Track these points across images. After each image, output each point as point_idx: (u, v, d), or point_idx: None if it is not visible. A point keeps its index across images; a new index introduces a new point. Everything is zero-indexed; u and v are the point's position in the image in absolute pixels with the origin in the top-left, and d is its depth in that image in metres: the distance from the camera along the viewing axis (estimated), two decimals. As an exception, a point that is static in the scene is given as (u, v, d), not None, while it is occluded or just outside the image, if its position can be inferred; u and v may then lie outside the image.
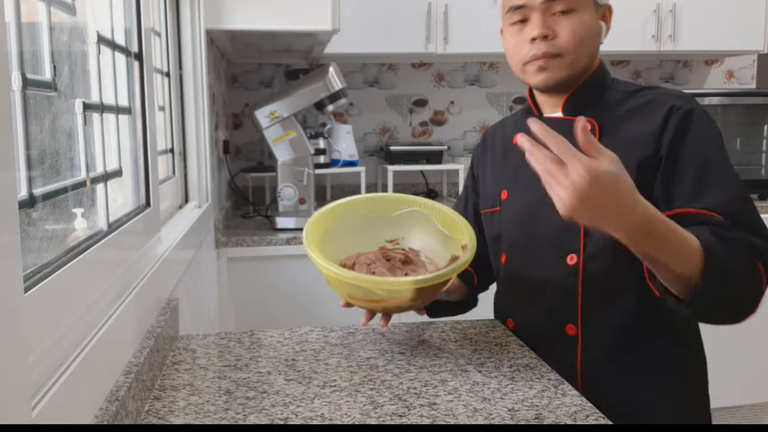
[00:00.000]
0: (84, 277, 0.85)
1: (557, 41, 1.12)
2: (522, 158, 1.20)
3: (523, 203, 1.21)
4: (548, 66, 1.13)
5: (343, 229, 1.22)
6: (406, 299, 1.07)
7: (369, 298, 1.08)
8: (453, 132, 3.31)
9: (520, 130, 1.20)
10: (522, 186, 1.22)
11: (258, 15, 2.11)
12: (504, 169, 1.29)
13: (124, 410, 0.82)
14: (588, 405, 0.92)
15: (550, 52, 1.12)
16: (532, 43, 1.13)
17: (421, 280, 1.03)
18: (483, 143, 1.39)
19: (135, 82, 1.25)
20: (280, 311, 2.32)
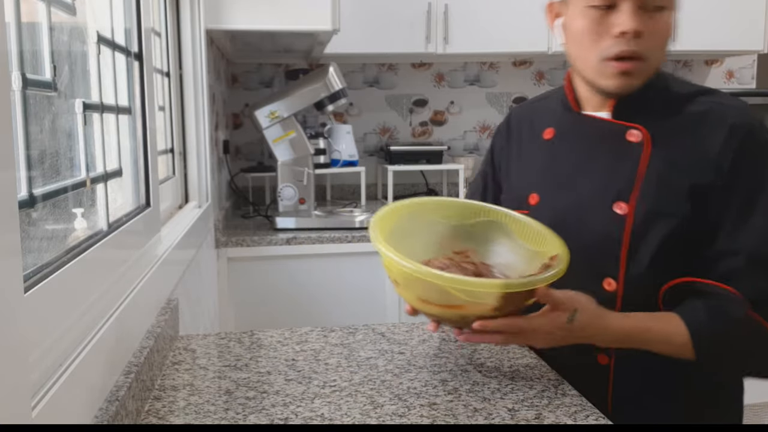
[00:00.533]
0: (84, 277, 0.85)
1: (646, 41, 0.96)
2: (553, 158, 1.11)
3: (557, 211, 1.08)
4: (633, 71, 0.98)
5: (408, 230, 1.07)
6: (488, 307, 0.91)
7: (445, 302, 0.93)
8: (453, 132, 3.31)
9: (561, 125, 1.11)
10: (555, 190, 1.09)
11: (258, 15, 2.11)
12: (533, 166, 1.14)
13: (124, 410, 0.82)
14: (588, 405, 0.92)
15: (640, 52, 0.96)
16: (621, 37, 0.96)
17: (512, 284, 0.90)
18: (507, 128, 1.22)
19: (135, 82, 1.25)
20: (280, 311, 2.32)
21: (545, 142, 1.13)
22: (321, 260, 2.32)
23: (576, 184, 1.07)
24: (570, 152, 1.09)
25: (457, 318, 0.96)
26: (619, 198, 1.01)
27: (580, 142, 1.08)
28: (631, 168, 1.01)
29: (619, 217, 1.01)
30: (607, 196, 1.02)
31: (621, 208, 1.01)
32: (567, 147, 1.10)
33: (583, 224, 1.04)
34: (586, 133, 1.08)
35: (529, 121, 1.18)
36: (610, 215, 1.01)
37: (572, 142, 1.10)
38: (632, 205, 1.00)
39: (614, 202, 1.01)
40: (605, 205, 1.02)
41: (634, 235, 0.99)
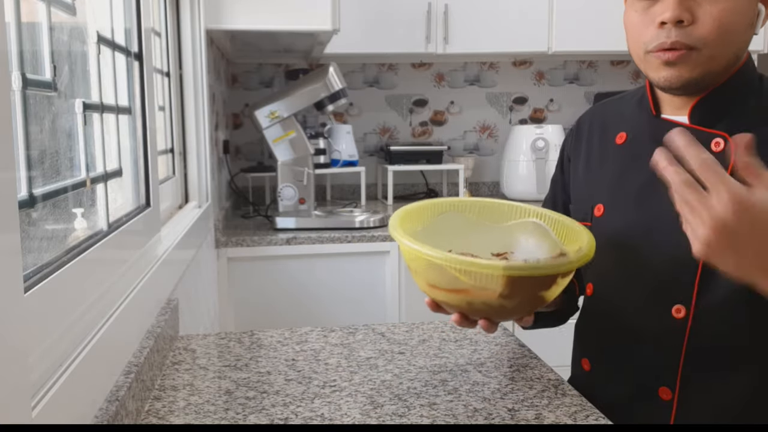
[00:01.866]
0: (84, 277, 0.85)
1: (695, 29, 0.87)
2: (624, 166, 0.99)
3: (624, 226, 0.98)
4: (678, 61, 0.89)
5: (442, 229, 1.04)
6: (494, 294, 0.87)
7: (451, 286, 0.89)
8: (453, 132, 3.31)
9: (636, 129, 1.01)
10: (624, 202, 0.99)
11: (258, 15, 2.11)
12: (602, 174, 1.05)
13: (124, 410, 0.82)
14: (588, 405, 0.92)
15: (683, 42, 0.87)
16: (661, 27, 0.89)
17: (514, 266, 0.84)
18: (576, 131, 1.13)
19: (135, 82, 1.25)
20: (280, 311, 2.32)
21: (617, 147, 1.03)
22: (321, 260, 2.32)
23: (649, 199, 0.96)
24: (644, 161, 0.95)
25: (465, 305, 0.92)
26: None
27: (657, 150, 0.99)
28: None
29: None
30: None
31: None
32: (641, 155, 0.97)
33: (653, 244, 0.93)
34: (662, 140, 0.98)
35: (601, 123, 1.08)
36: (684, 236, 0.83)
37: (647, 149, 0.96)
38: None
39: None
40: (679, 224, 0.88)
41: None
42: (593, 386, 1.04)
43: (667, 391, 0.94)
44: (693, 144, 0.71)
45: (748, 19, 0.89)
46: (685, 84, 0.91)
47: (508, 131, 3.16)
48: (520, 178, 2.99)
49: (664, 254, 0.92)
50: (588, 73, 3.32)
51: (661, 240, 0.92)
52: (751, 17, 0.89)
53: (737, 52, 0.91)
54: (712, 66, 0.90)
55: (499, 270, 0.84)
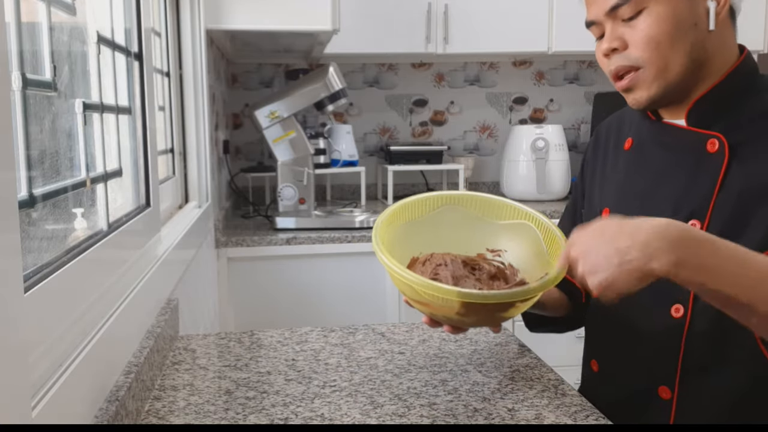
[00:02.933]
0: (84, 277, 0.85)
1: (630, 52, 0.93)
2: (629, 171, 1.02)
3: None
4: (632, 85, 0.95)
5: (437, 221, 1.07)
6: (452, 311, 0.91)
7: (417, 298, 0.95)
8: (453, 132, 3.31)
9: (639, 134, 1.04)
10: (628, 205, 1.01)
11: (258, 15, 2.11)
12: (610, 179, 1.07)
13: (124, 410, 0.82)
14: (588, 405, 0.92)
15: (625, 65, 0.94)
16: (607, 58, 0.96)
17: (467, 294, 0.88)
18: (595, 140, 1.15)
19: (135, 82, 1.25)
20: (280, 311, 2.32)
21: (624, 153, 1.06)
22: (321, 260, 2.32)
23: (651, 200, 0.98)
24: (646, 164, 1.01)
25: (428, 314, 0.97)
26: (692, 216, 0.92)
27: (657, 153, 1.00)
28: (709, 183, 0.92)
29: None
30: (680, 213, 0.93)
31: (693, 226, 0.91)
32: (644, 158, 1.02)
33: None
34: (663, 143, 0.99)
35: (617, 129, 1.11)
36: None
37: (649, 153, 1.01)
38: (706, 223, 0.91)
39: (688, 220, 0.92)
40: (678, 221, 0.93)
41: None
42: (600, 387, 1.05)
43: (667, 390, 0.95)
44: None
45: (684, 22, 0.90)
46: (650, 103, 0.95)
47: (508, 131, 3.16)
48: (520, 178, 2.99)
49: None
50: (588, 73, 3.32)
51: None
52: (690, 18, 0.90)
53: (690, 54, 0.91)
54: (667, 77, 0.92)
55: (454, 295, 0.88)
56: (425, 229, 1.05)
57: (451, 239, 1.05)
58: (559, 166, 2.94)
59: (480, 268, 1.03)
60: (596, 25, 0.97)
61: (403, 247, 1.01)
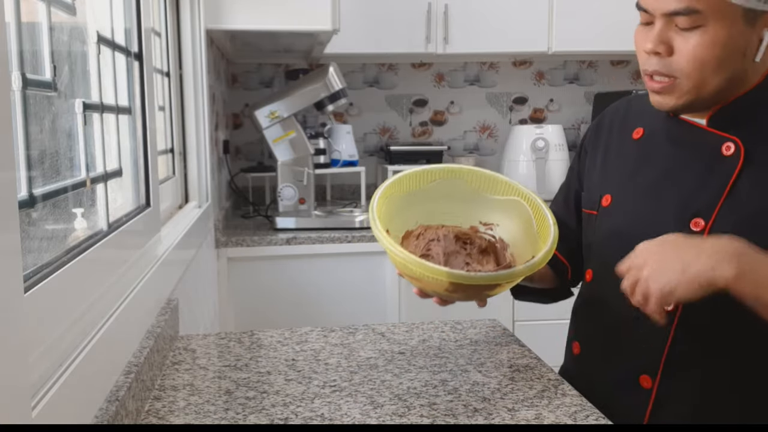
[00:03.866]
0: (84, 277, 0.85)
1: (672, 61, 0.91)
2: (636, 160, 1.03)
3: (627, 217, 1.01)
4: (662, 91, 0.94)
5: (436, 193, 1.11)
6: (442, 287, 0.97)
7: (409, 273, 0.99)
8: (453, 132, 3.31)
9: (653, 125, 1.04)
10: (632, 195, 1.02)
11: (258, 15, 2.11)
12: (615, 166, 1.07)
13: (124, 410, 0.82)
14: (588, 405, 0.92)
15: (661, 71, 0.92)
16: (647, 55, 0.94)
17: (456, 275, 0.93)
18: (598, 124, 1.15)
19: (135, 82, 1.25)
20: (280, 311, 2.32)
21: (633, 142, 1.06)
22: (321, 260, 2.32)
23: (658, 193, 0.99)
24: (657, 157, 1.02)
25: (420, 288, 1.02)
26: (698, 214, 0.93)
27: (670, 148, 1.00)
28: (720, 184, 0.92)
29: (693, 234, 0.92)
30: (687, 211, 0.94)
31: (698, 225, 0.92)
32: (655, 151, 1.02)
33: (655, 236, 0.92)
34: (678, 139, 1.00)
35: (623, 117, 1.11)
36: (685, 230, 0.92)
37: (662, 146, 1.01)
38: (711, 223, 0.92)
39: (693, 218, 0.93)
40: (683, 220, 0.94)
41: None
42: (579, 369, 1.08)
43: (648, 380, 0.96)
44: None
45: (736, 51, 0.89)
46: (673, 109, 0.96)
47: (508, 131, 3.16)
48: (520, 178, 2.99)
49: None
50: (588, 73, 3.32)
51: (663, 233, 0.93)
52: (742, 46, 0.90)
53: (730, 80, 0.91)
54: (701, 93, 0.92)
55: (444, 276, 0.93)
56: (423, 200, 1.10)
57: (447, 211, 1.11)
58: (559, 166, 2.94)
59: (472, 242, 1.07)
60: (647, 14, 0.94)
61: (400, 218, 1.06)
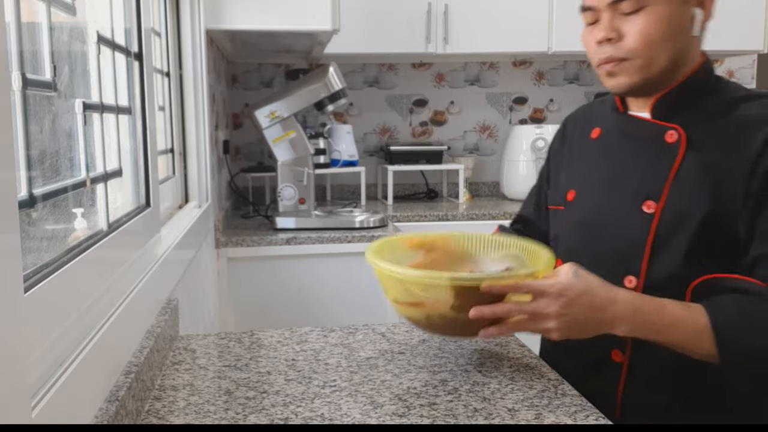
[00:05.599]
0: (84, 277, 0.85)
1: (623, 44, 1.00)
2: (596, 157, 1.15)
3: (590, 209, 1.11)
4: (616, 71, 1.02)
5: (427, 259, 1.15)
6: (446, 305, 0.95)
7: (409, 299, 0.99)
8: (453, 132, 3.31)
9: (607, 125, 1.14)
10: (593, 188, 1.12)
11: (258, 15, 2.11)
12: (577, 164, 1.18)
13: (124, 410, 0.82)
14: (588, 405, 0.92)
15: (614, 56, 1.01)
16: (599, 44, 1.03)
17: (459, 278, 0.93)
18: (563, 131, 1.26)
19: (135, 82, 1.25)
20: (280, 311, 2.32)
21: (592, 141, 1.16)
22: (321, 260, 2.32)
23: (615, 183, 1.08)
24: (612, 152, 1.11)
25: (424, 319, 1.00)
26: (649, 197, 1.02)
27: (622, 142, 1.10)
28: (666, 168, 1.02)
29: (646, 216, 1.02)
30: (639, 195, 1.03)
31: (649, 207, 1.02)
32: (610, 147, 1.12)
33: (614, 221, 1.06)
34: (629, 134, 1.10)
35: (583, 122, 1.21)
36: (639, 214, 1.03)
37: (616, 142, 1.12)
38: (661, 204, 1.01)
39: (644, 201, 1.02)
40: (636, 204, 1.03)
41: (659, 235, 1.00)
42: (555, 352, 1.14)
43: (619, 354, 1.04)
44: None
45: (677, 26, 1.00)
46: (628, 89, 1.04)
47: (508, 131, 3.16)
48: (520, 178, 2.99)
49: (621, 230, 1.05)
50: (588, 73, 3.32)
51: (620, 218, 1.05)
52: (682, 24, 1.00)
53: (675, 54, 1.01)
54: (650, 71, 1.01)
55: (446, 280, 0.93)
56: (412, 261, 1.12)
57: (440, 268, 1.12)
58: (559, 166, 2.94)
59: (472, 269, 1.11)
60: (592, 11, 1.04)
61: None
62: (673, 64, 1.02)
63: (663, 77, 1.02)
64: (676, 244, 0.98)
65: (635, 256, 1.02)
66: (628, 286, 1.01)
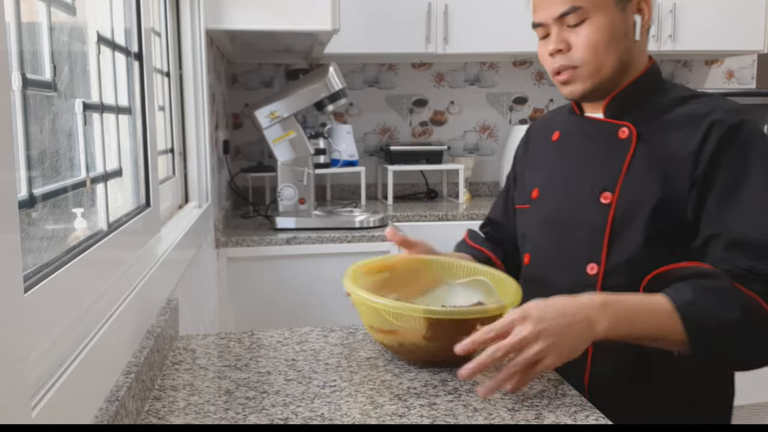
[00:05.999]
0: (84, 277, 0.85)
1: (572, 54, 1.10)
2: (556, 157, 1.25)
3: (553, 205, 1.19)
4: (570, 79, 1.11)
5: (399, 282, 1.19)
6: (419, 334, 1.00)
7: (383, 327, 1.04)
8: (453, 132, 3.31)
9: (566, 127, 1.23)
10: (554, 187, 1.20)
11: (258, 15, 2.11)
12: (540, 165, 1.26)
13: (124, 410, 0.82)
14: (588, 405, 0.92)
15: (566, 65, 1.10)
16: (552, 57, 1.12)
17: (433, 311, 0.98)
18: (527, 137, 1.35)
19: (135, 82, 1.25)
20: (280, 311, 2.32)
21: (553, 143, 1.24)
22: (321, 260, 2.32)
23: (574, 179, 1.16)
24: (571, 151, 1.20)
25: (397, 345, 1.05)
26: (605, 189, 1.10)
27: (580, 141, 1.19)
28: (619, 162, 1.10)
29: (603, 206, 1.10)
30: (596, 188, 1.11)
31: (606, 198, 1.10)
32: (569, 146, 1.20)
33: (575, 214, 1.14)
34: (585, 133, 1.18)
35: (545, 128, 1.29)
36: (597, 204, 1.10)
37: (574, 141, 1.20)
38: (616, 195, 1.09)
39: (601, 193, 1.10)
40: (594, 196, 1.11)
41: (616, 223, 1.08)
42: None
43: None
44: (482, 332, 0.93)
45: (619, 32, 1.09)
46: (582, 95, 1.13)
47: (508, 131, 3.16)
48: (520, 178, 2.99)
49: (582, 221, 1.12)
50: (588, 73, 3.31)
51: (581, 210, 1.13)
52: (623, 29, 1.09)
53: (621, 58, 1.10)
54: (600, 76, 1.10)
55: (420, 312, 0.98)
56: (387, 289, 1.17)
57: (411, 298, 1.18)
58: (559, 166, 2.94)
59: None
60: (543, 27, 1.13)
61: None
62: (620, 68, 1.10)
63: (612, 80, 1.11)
64: (632, 231, 1.06)
65: (596, 244, 1.09)
66: (591, 273, 1.09)
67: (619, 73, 1.11)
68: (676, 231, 1.04)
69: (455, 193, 3.19)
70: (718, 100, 1.09)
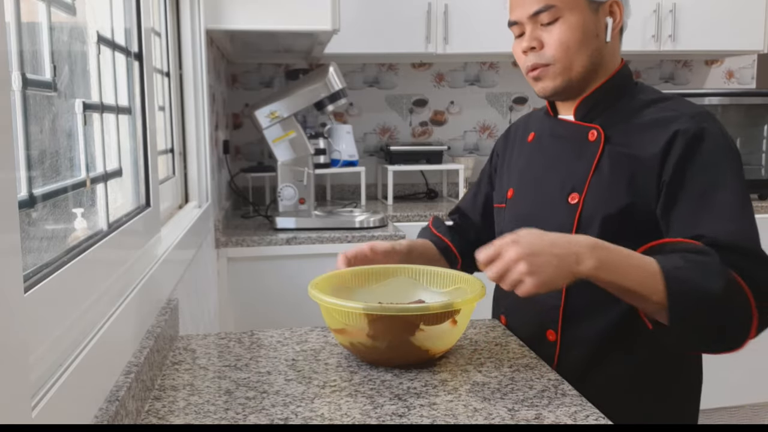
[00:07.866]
0: (84, 277, 0.85)
1: (544, 51, 1.13)
2: (530, 158, 1.27)
3: (526, 204, 1.23)
4: (541, 76, 1.15)
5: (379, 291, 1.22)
6: (363, 332, 1.02)
7: (335, 326, 1.07)
8: (453, 132, 3.31)
9: (540, 129, 1.28)
10: (527, 187, 1.24)
11: (258, 15, 2.11)
12: (516, 165, 1.30)
13: (124, 410, 0.82)
14: (588, 405, 0.92)
15: (538, 63, 1.14)
16: (525, 54, 1.16)
17: (370, 308, 0.99)
18: (506, 136, 1.39)
19: (135, 82, 1.25)
20: (280, 311, 2.32)
21: (528, 144, 1.29)
22: (321, 260, 2.32)
23: (546, 179, 1.20)
24: (544, 152, 1.24)
25: (349, 344, 1.07)
26: (573, 190, 1.14)
27: (553, 143, 1.23)
28: (588, 164, 1.14)
29: (571, 207, 1.14)
30: (565, 188, 1.15)
31: (573, 198, 1.14)
32: (542, 148, 1.25)
33: (546, 213, 1.17)
34: (557, 135, 1.22)
35: (523, 129, 1.34)
36: (565, 205, 1.14)
37: (547, 143, 1.24)
38: (583, 196, 1.13)
39: (570, 194, 1.14)
40: (563, 196, 1.15)
41: (582, 222, 1.12)
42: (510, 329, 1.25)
43: (553, 333, 1.16)
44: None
45: (590, 32, 1.12)
46: (552, 92, 1.16)
47: (508, 131, 3.15)
48: (520, 178, 2.99)
49: (552, 220, 1.14)
50: (588, 73, 3.32)
51: (551, 209, 1.16)
52: (594, 30, 1.12)
53: (591, 58, 1.13)
54: (570, 74, 1.13)
55: (359, 310, 0.99)
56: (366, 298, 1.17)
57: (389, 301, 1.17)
58: (559, 166, 2.94)
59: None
60: (518, 25, 1.16)
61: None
62: (591, 67, 1.14)
63: (583, 80, 1.14)
64: (597, 231, 1.09)
65: None
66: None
67: (590, 72, 1.14)
68: (641, 231, 1.07)
69: (455, 193, 3.19)
70: (683, 104, 1.12)
